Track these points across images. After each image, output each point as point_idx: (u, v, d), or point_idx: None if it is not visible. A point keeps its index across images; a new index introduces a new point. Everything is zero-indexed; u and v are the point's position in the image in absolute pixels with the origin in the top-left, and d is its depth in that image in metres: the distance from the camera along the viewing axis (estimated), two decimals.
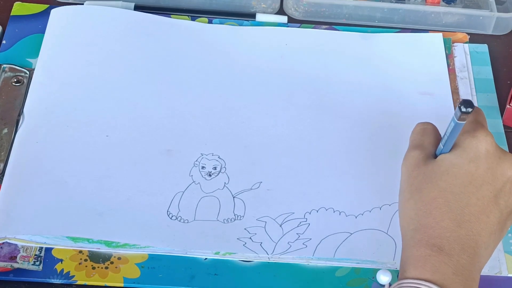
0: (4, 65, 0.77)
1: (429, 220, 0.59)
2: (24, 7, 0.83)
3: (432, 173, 0.61)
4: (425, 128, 0.66)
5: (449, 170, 0.61)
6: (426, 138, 0.65)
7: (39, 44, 0.79)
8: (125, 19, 0.82)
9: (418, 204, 0.60)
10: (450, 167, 0.61)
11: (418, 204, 0.60)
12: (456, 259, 0.57)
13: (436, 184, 0.60)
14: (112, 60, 0.78)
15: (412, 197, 0.61)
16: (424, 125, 0.66)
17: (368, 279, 0.66)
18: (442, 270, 0.57)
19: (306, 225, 0.68)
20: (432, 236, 0.58)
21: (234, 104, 0.76)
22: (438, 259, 0.57)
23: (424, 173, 0.61)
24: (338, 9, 0.84)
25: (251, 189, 0.70)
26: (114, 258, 0.65)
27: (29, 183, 0.68)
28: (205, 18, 0.83)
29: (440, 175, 0.61)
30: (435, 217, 0.59)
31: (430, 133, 0.65)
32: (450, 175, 0.60)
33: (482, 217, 0.59)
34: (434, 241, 0.58)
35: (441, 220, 0.59)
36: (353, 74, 0.79)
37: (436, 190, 0.60)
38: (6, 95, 0.75)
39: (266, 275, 0.65)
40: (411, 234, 0.60)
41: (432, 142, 0.64)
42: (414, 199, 0.61)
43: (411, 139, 0.66)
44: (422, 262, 0.57)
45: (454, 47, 0.82)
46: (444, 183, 0.60)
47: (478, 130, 0.62)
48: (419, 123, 0.67)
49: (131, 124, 0.73)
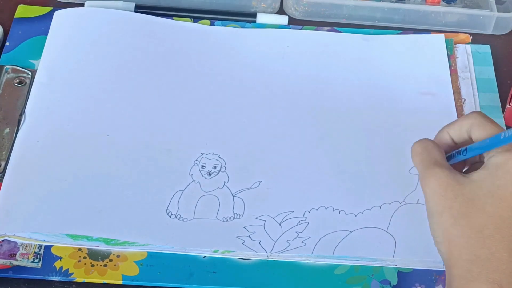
0: (7, 66, 0.77)
1: (484, 251, 0.56)
2: (27, 10, 0.83)
3: (475, 196, 0.58)
4: (426, 144, 0.62)
5: (493, 193, 0.57)
6: (435, 154, 0.61)
7: (42, 45, 0.79)
8: (127, 21, 0.82)
9: (468, 231, 0.57)
10: (494, 189, 0.57)
11: (467, 231, 0.57)
12: None
13: (483, 209, 0.57)
14: (113, 62, 0.78)
15: (457, 223, 0.57)
16: (424, 143, 0.62)
17: (368, 276, 0.66)
18: None
19: (306, 224, 0.68)
20: (490, 270, 0.56)
21: (234, 104, 0.76)
22: None
23: (464, 195, 0.58)
24: (338, 9, 0.84)
25: (250, 188, 0.70)
26: (113, 256, 0.66)
27: (30, 181, 0.69)
28: (207, 20, 0.84)
29: (485, 199, 0.57)
30: (489, 247, 0.56)
31: (434, 147, 0.61)
32: (495, 198, 0.57)
33: None
34: (493, 277, 0.55)
35: (496, 251, 0.56)
36: (355, 75, 0.79)
37: (484, 216, 0.57)
38: (9, 96, 0.75)
39: (265, 273, 0.65)
40: (467, 266, 0.57)
41: (443, 155, 0.61)
42: (460, 226, 0.57)
43: (421, 159, 0.61)
44: None
45: (456, 48, 0.82)
46: (491, 207, 0.57)
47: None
48: (416, 143, 0.63)
49: (131, 123, 0.74)
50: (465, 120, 0.62)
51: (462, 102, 0.78)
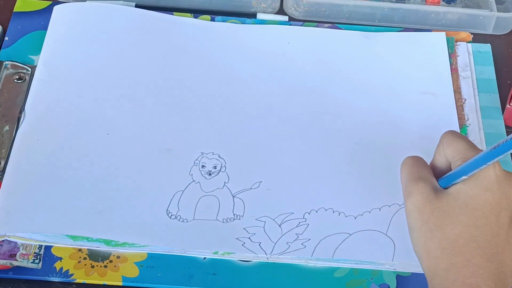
0: (6, 62, 0.77)
1: (459, 258, 0.57)
2: (27, 4, 0.83)
3: (450, 208, 0.59)
4: (417, 159, 0.63)
5: (467, 203, 0.58)
6: (423, 170, 0.62)
7: (41, 41, 0.79)
8: (127, 16, 0.82)
9: (443, 242, 0.58)
10: (467, 199, 0.58)
11: (443, 242, 0.58)
12: None
13: (457, 220, 0.58)
14: (113, 58, 0.78)
15: (433, 236, 0.58)
16: (415, 158, 0.63)
17: (367, 280, 0.66)
18: None
19: (305, 226, 0.68)
20: (467, 275, 0.56)
21: (235, 102, 0.76)
22: None
23: (440, 208, 0.59)
24: (338, 8, 0.84)
25: (251, 188, 0.70)
26: (113, 257, 0.66)
27: (30, 180, 0.69)
28: (207, 16, 0.83)
29: (459, 210, 0.58)
30: (465, 255, 0.57)
31: (424, 164, 0.63)
32: (469, 208, 0.58)
33: (506, 245, 0.58)
34: (470, 281, 0.56)
35: (472, 257, 0.57)
36: (355, 73, 0.79)
37: (459, 226, 0.58)
38: (8, 92, 0.75)
39: (265, 275, 0.66)
40: (442, 274, 0.57)
41: (431, 173, 0.62)
42: (436, 238, 0.58)
43: (407, 173, 0.62)
44: None
45: (457, 46, 0.82)
46: (465, 217, 0.58)
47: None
48: (407, 157, 0.63)
49: (131, 122, 0.74)
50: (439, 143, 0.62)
51: (463, 102, 0.78)
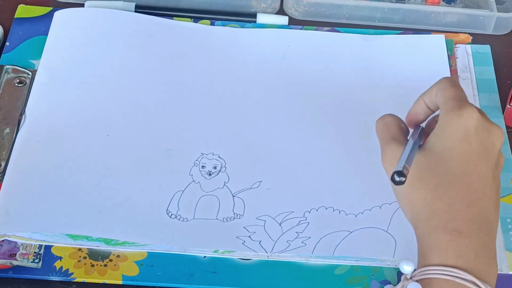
0: (7, 66, 0.77)
1: (440, 205, 0.59)
2: (27, 10, 0.83)
3: (428, 161, 0.61)
4: (387, 121, 0.65)
5: (443, 155, 0.60)
6: (394, 130, 0.64)
7: (42, 46, 0.79)
8: (127, 21, 0.82)
9: (423, 193, 0.60)
10: (443, 151, 0.60)
11: (422, 193, 0.60)
12: (475, 240, 0.57)
13: (435, 171, 0.60)
14: (113, 61, 0.78)
15: (414, 189, 0.60)
16: (385, 119, 0.66)
17: (368, 277, 0.65)
18: (465, 254, 0.57)
19: (306, 224, 0.68)
20: (448, 220, 0.58)
21: (235, 104, 0.76)
22: (459, 243, 0.57)
23: (418, 163, 0.60)
24: (338, 9, 0.84)
25: (251, 188, 0.70)
26: (113, 256, 0.66)
27: (30, 181, 0.69)
28: (207, 20, 0.84)
29: (436, 161, 0.60)
30: (445, 202, 0.59)
31: (395, 124, 0.65)
32: (445, 159, 0.60)
33: (486, 191, 0.59)
34: (451, 225, 0.58)
35: (452, 203, 0.58)
36: (355, 75, 0.79)
37: (437, 177, 0.60)
38: (9, 96, 0.75)
39: (265, 273, 0.65)
40: (424, 223, 0.59)
41: (402, 132, 0.64)
42: (417, 190, 0.60)
43: (381, 136, 0.65)
44: (444, 248, 0.57)
45: (456, 48, 0.82)
46: (441, 168, 0.60)
47: (463, 107, 0.61)
48: (378, 119, 0.66)
49: (132, 123, 0.74)
50: (434, 86, 0.64)
51: None
